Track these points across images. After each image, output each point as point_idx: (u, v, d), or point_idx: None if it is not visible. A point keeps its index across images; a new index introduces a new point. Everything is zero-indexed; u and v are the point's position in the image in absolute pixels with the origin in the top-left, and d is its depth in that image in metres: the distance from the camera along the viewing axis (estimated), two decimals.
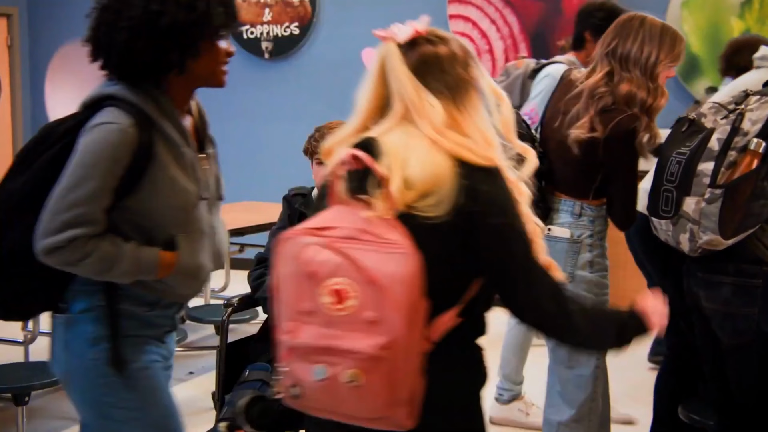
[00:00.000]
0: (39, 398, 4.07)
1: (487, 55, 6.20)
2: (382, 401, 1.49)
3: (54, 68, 7.71)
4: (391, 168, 1.55)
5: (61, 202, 1.75)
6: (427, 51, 1.71)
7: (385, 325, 1.46)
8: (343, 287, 1.49)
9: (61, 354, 1.92)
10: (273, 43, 6.86)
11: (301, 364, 1.52)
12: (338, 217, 1.56)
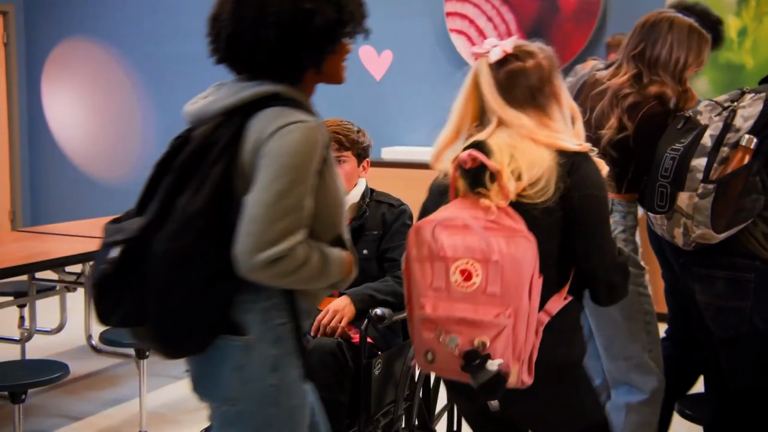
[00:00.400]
0: (35, 396, 4.07)
1: None
2: (505, 361, 1.74)
3: (51, 66, 7.69)
4: (501, 163, 1.82)
5: (275, 211, 1.62)
6: (516, 67, 1.92)
7: (507, 299, 1.74)
8: (469, 267, 1.77)
9: (230, 378, 1.73)
10: None
11: (435, 333, 1.79)
12: (461, 209, 1.83)
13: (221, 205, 1.64)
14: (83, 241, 4.01)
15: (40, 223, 7.36)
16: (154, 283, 1.63)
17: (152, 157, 6.29)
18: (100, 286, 1.68)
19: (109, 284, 1.66)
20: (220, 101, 1.74)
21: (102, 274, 1.66)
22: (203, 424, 2.95)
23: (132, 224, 1.71)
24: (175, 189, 1.66)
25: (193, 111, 1.80)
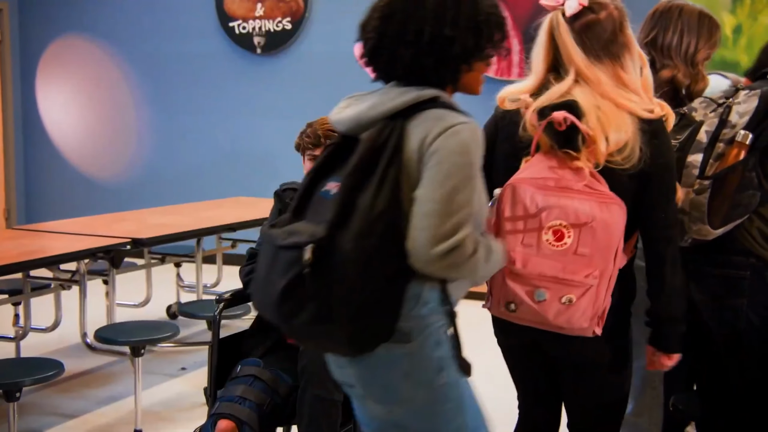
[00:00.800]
0: (30, 394, 4.06)
1: None
2: (586, 316, 1.91)
3: (46, 64, 7.68)
4: (594, 128, 1.90)
5: (448, 206, 1.68)
6: (590, 19, 2.00)
7: (596, 260, 1.88)
8: (561, 228, 1.89)
9: (400, 383, 1.77)
10: (265, 38, 6.84)
11: (524, 287, 1.91)
12: (550, 169, 1.93)
13: (398, 203, 1.70)
14: (78, 239, 4.00)
15: (35, 221, 7.35)
16: (343, 281, 1.66)
17: (148, 155, 6.31)
18: (291, 287, 1.67)
19: (300, 284, 1.67)
20: (382, 105, 1.77)
21: (296, 275, 1.66)
22: (198, 421, 2.94)
23: (307, 227, 1.72)
24: (355, 190, 1.69)
25: (348, 118, 1.81)
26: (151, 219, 4.70)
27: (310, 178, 1.82)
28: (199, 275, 5.10)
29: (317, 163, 1.84)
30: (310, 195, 1.80)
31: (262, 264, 1.79)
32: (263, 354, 2.67)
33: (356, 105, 1.83)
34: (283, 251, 1.70)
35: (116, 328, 3.84)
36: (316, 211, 1.76)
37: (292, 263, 1.67)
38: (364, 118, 1.77)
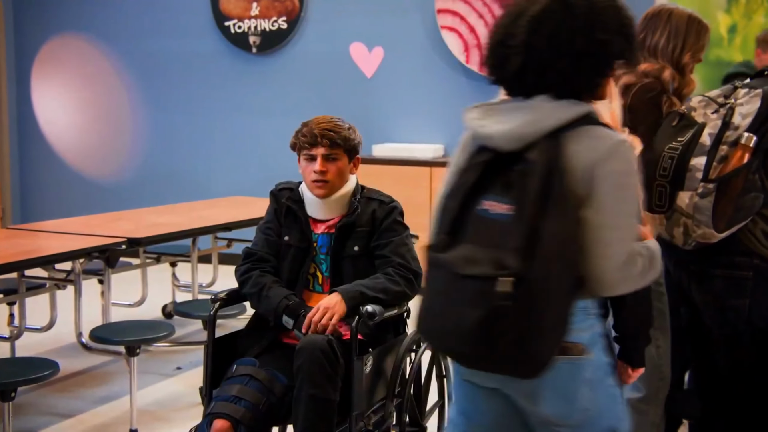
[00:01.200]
0: (25, 394, 4.05)
1: (476, 49, 6.19)
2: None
3: (41, 63, 7.66)
4: None
5: (629, 231, 1.72)
6: None
7: None
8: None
9: (582, 393, 1.78)
10: (260, 37, 6.83)
11: None
12: None
13: (576, 227, 1.69)
14: (73, 239, 4.00)
15: (30, 220, 7.33)
16: (538, 310, 1.64)
17: (143, 155, 6.31)
18: (489, 319, 1.62)
19: (497, 315, 1.63)
20: (540, 122, 1.71)
21: (493, 307, 1.62)
22: (193, 421, 2.94)
23: (484, 254, 1.67)
24: (537, 216, 1.64)
25: (501, 133, 1.73)
26: (146, 218, 4.69)
27: (463, 195, 1.75)
28: (194, 275, 5.10)
29: (469, 179, 1.75)
30: (464, 213, 1.75)
31: (435, 292, 1.74)
32: (259, 353, 2.67)
33: (499, 117, 1.77)
34: (467, 281, 1.65)
35: (111, 328, 3.84)
36: (479, 233, 1.71)
37: (484, 294, 1.62)
38: (523, 135, 1.71)
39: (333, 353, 2.47)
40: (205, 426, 2.45)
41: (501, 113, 1.78)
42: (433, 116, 6.45)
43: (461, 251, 1.70)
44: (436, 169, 6.01)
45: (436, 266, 1.74)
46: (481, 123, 1.79)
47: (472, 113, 1.83)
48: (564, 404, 1.79)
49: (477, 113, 1.82)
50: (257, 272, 2.74)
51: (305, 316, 2.59)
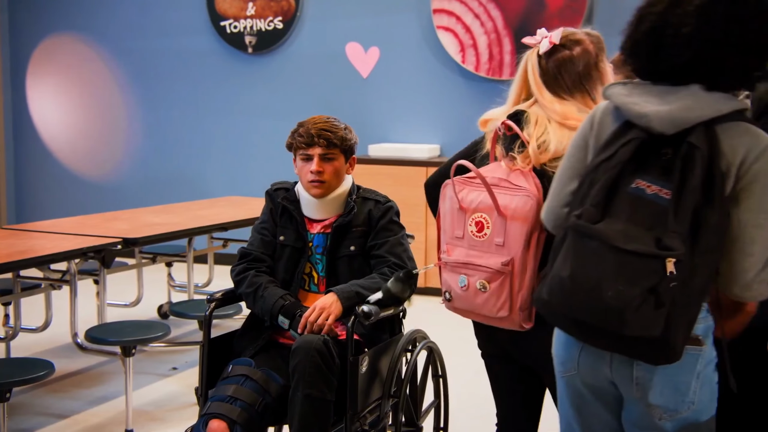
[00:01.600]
0: (20, 395, 4.05)
1: (471, 50, 6.20)
2: (504, 304, 2.03)
3: (36, 63, 7.65)
4: (532, 134, 2.08)
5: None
6: (563, 56, 2.16)
7: (507, 248, 2.01)
8: (481, 219, 2.06)
9: (692, 384, 1.77)
10: (256, 37, 6.83)
11: (451, 275, 2.12)
12: (488, 170, 2.10)
13: (729, 219, 1.69)
14: (69, 239, 3.99)
15: (25, 220, 7.33)
16: (689, 294, 1.64)
17: (138, 155, 6.31)
18: (648, 297, 1.62)
19: (655, 295, 1.62)
20: (699, 110, 1.68)
21: (654, 285, 1.61)
22: (189, 421, 2.94)
23: (639, 232, 1.65)
24: (700, 203, 1.64)
25: (657, 115, 1.70)
26: (141, 218, 4.68)
27: (617, 171, 1.71)
28: (190, 275, 5.09)
29: (623, 155, 1.72)
30: (615, 188, 1.72)
31: (587, 261, 1.67)
32: (255, 353, 2.67)
33: (651, 98, 1.74)
34: (629, 256, 1.63)
35: (107, 328, 3.83)
36: (633, 211, 1.68)
37: (647, 272, 1.61)
38: (679, 120, 1.68)
39: (329, 353, 2.47)
40: (201, 426, 2.45)
41: (653, 94, 1.74)
42: (429, 116, 6.45)
43: (615, 225, 1.67)
44: (432, 169, 5.99)
45: (587, 236, 1.68)
46: (632, 100, 1.75)
47: (617, 89, 1.80)
48: (675, 395, 1.77)
49: (622, 89, 1.79)
50: (253, 272, 2.74)
51: (301, 315, 2.59)
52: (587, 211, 1.70)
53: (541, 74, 2.15)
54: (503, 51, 6.11)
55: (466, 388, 4.05)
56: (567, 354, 1.87)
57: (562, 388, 1.93)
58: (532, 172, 2.06)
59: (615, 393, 1.84)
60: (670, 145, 1.69)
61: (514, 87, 2.24)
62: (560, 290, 1.70)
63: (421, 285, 4.23)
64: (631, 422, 1.84)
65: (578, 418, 1.92)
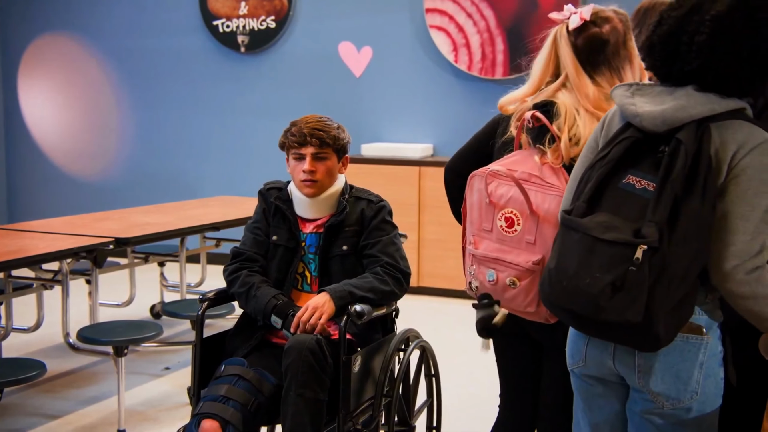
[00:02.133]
0: (12, 395, 4.03)
1: (464, 48, 6.20)
2: (532, 300, 2.04)
3: (28, 62, 7.63)
4: (563, 127, 2.05)
5: (756, 225, 1.69)
6: (593, 33, 2.13)
7: (539, 247, 2.01)
8: (512, 215, 2.05)
9: (695, 374, 1.79)
10: (249, 36, 6.82)
11: (480, 267, 2.12)
12: (518, 162, 2.09)
13: (714, 211, 1.70)
14: (60, 239, 3.98)
15: (17, 220, 7.31)
16: (666, 282, 1.67)
17: (131, 154, 6.29)
18: (619, 284, 1.67)
19: (627, 282, 1.67)
20: (692, 109, 1.72)
21: (624, 272, 1.66)
22: (182, 421, 2.93)
23: (622, 223, 1.70)
24: (680, 195, 1.67)
25: (651, 114, 1.76)
26: (134, 218, 4.67)
27: (609, 168, 1.77)
28: (182, 275, 5.08)
29: (614, 154, 1.78)
30: (606, 184, 1.77)
31: (567, 253, 1.75)
32: (247, 353, 2.66)
33: (649, 99, 1.79)
34: (604, 245, 1.69)
35: (99, 328, 3.82)
36: (619, 205, 1.74)
37: (619, 260, 1.67)
38: (672, 119, 1.73)
39: (321, 353, 2.47)
40: (194, 426, 2.44)
41: (651, 95, 1.79)
42: (422, 116, 6.45)
43: (598, 218, 1.74)
44: (425, 168, 6.01)
45: (571, 229, 1.76)
46: (630, 101, 1.80)
47: (621, 90, 1.84)
48: (676, 383, 1.80)
49: (626, 91, 1.83)
50: (245, 272, 2.73)
51: (294, 315, 2.58)
52: (577, 207, 1.78)
53: (574, 51, 2.12)
54: (496, 50, 6.12)
55: (460, 388, 4.05)
56: (575, 347, 1.93)
57: (574, 381, 1.99)
58: (563, 168, 2.06)
59: (621, 384, 1.88)
60: (666, 143, 1.73)
61: (540, 65, 2.20)
62: (548, 280, 1.79)
63: (413, 284, 4.23)
64: (634, 411, 1.87)
65: (586, 411, 1.97)
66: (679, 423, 1.81)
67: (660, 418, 1.82)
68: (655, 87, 1.81)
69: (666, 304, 1.67)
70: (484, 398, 3.73)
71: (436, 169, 5.93)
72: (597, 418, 1.96)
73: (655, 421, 1.83)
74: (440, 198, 6.42)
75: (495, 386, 2.45)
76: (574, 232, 1.75)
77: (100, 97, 7.41)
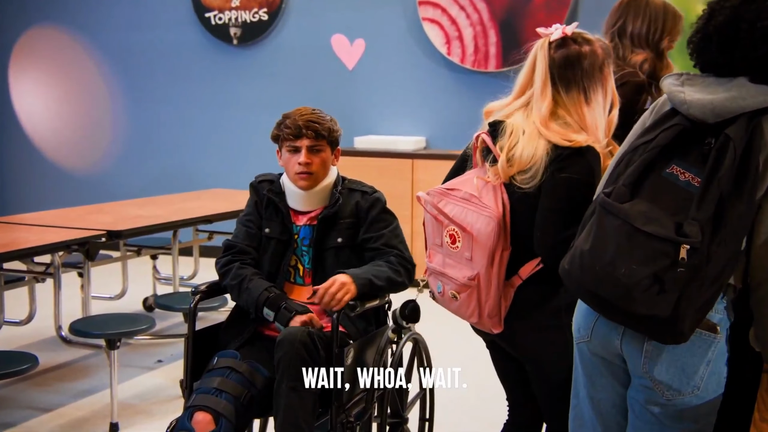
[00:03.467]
0: (4, 388, 4.03)
1: (457, 41, 6.19)
2: (473, 312, 2.17)
3: (18, 54, 7.59)
4: (505, 146, 2.13)
5: None
6: (572, 50, 2.16)
7: (475, 263, 2.12)
8: (454, 233, 2.17)
9: (701, 370, 1.79)
10: (241, 29, 6.80)
11: (431, 279, 2.29)
12: (463, 182, 2.21)
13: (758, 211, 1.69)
14: (52, 231, 3.97)
15: (8, 213, 7.27)
16: (701, 282, 1.65)
17: (123, 147, 6.25)
18: (656, 279, 1.65)
19: (664, 277, 1.65)
20: (743, 100, 1.69)
21: (664, 268, 1.65)
22: (174, 414, 2.92)
23: (662, 215, 1.68)
24: (728, 194, 1.65)
25: (701, 103, 1.72)
26: (126, 211, 4.66)
27: (654, 154, 1.74)
28: (175, 267, 5.08)
29: (662, 140, 1.74)
30: (650, 171, 1.75)
31: (607, 237, 1.72)
32: (240, 346, 2.66)
33: (699, 88, 1.76)
34: (644, 237, 1.67)
35: (91, 321, 3.81)
36: (662, 195, 1.72)
37: (659, 255, 1.65)
38: (722, 109, 1.70)
39: (313, 345, 2.47)
40: (186, 418, 2.44)
41: (702, 85, 1.77)
42: (415, 108, 6.45)
43: (639, 206, 1.71)
44: (417, 161, 6.01)
45: (611, 213, 1.73)
46: (680, 89, 1.78)
47: (671, 80, 1.82)
48: (680, 376, 1.80)
49: (675, 80, 1.81)
50: (237, 264, 2.73)
51: (286, 308, 2.58)
52: (618, 190, 1.75)
53: (549, 62, 2.15)
54: (488, 43, 6.11)
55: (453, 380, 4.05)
56: (584, 321, 1.93)
57: (576, 355, 2.00)
58: (502, 187, 2.13)
59: (623, 367, 1.89)
60: (714, 135, 1.70)
61: (521, 77, 2.24)
62: (579, 263, 1.77)
63: None
64: (634, 399, 1.87)
65: (588, 385, 1.97)
66: (676, 414, 1.82)
67: (658, 407, 1.82)
68: (707, 77, 1.79)
69: (696, 302, 1.67)
70: (477, 391, 3.74)
71: (429, 162, 5.93)
72: (599, 395, 1.96)
73: (653, 411, 1.84)
74: None
75: (487, 379, 2.46)
76: (613, 217, 1.72)
77: (92, 89, 7.38)
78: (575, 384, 2.04)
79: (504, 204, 2.11)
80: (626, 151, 1.82)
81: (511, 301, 2.17)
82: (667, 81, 1.83)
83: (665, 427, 1.84)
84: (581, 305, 1.95)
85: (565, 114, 2.13)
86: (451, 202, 2.19)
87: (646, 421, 1.86)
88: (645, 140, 1.78)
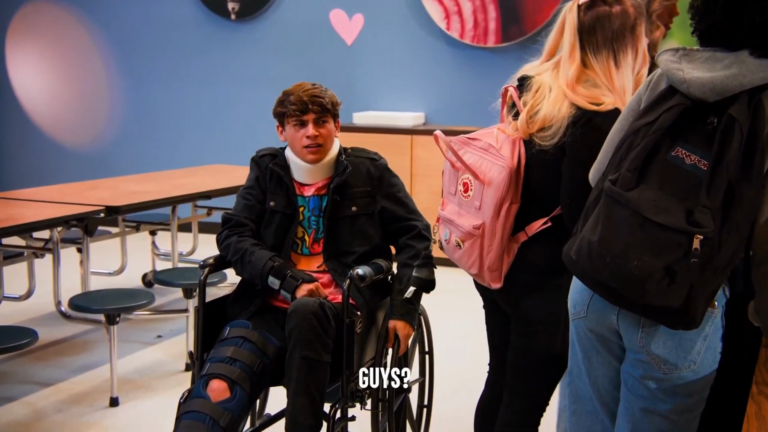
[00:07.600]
0: (4, 363, 4.03)
1: (456, 16, 6.15)
2: (474, 263, 2.18)
3: (15, 30, 7.54)
4: (531, 102, 2.13)
5: None
6: (601, 11, 2.11)
7: (483, 213, 2.13)
8: (468, 181, 2.18)
9: (698, 344, 1.78)
10: (239, 3, 6.75)
11: (441, 226, 2.31)
12: (486, 133, 2.21)
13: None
14: (51, 207, 3.96)
15: (7, 188, 7.25)
16: (713, 270, 1.64)
17: (121, 122, 6.23)
18: (670, 271, 1.63)
19: (678, 268, 1.62)
20: (743, 77, 1.65)
21: (677, 259, 1.61)
22: (174, 389, 2.93)
23: (671, 204, 1.64)
24: (738, 178, 1.61)
25: (701, 82, 1.68)
26: (125, 187, 4.65)
27: (657, 137, 1.69)
28: (174, 243, 5.07)
29: (665, 122, 1.69)
30: (654, 154, 1.70)
31: (616, 228, 1.68)
32: (250, 317, 2.68)
33: (697, 65, 1.72)
34: (655, 227, 1.63)
35: (91, 296, 3.81)
36: (666, 178, 1.68)
37: (672, 246, 1.61)
38: (723, 87, 1.66)
39: (325, 315, 2.49)
40: (201, 387, 2.45)
41: (700, 60, 1.72)
42: (414, 84, 6.42)
43: (648, 194, 1.67)
44: (417, 136, 5.99)
45: (619, 203, 1.69)
46: (677, 66, 1.73)
47: (667, 55, 1.77)
48: (677, 350, 1.79)
49: (672, 56, 1.76)
50: (235, 239, 2.74)
51: (291, 276, 2.60)
52: (623, 177, 1.70)
53: (578, 25, 2.11)
54: (488, 18, 6.07)
55: (454, 367, 4.06)
56: (579, 297, 1.92)
57: (572, 331, 1.99)
58: (521, 141, 2.13)
59: (618, 343, 1.87)
60: (716, 114, 1.66)
61: (551, 39, 2.21)
62: (588, 253, 1.72)
63: None
64: (629, 373, 1.86)
65: (585, 361, 1.97)
66: (671, 389, 1.81)
67: (654, 382, 1.82)
68: (705, 51, 1.74)
69: (707, 290, 1.65)
70: (477, 377, 3.74)
71: (428, 138, 5.90)
72: (596, 371, 1.95)
73: (649, 385, 1.83)
74: (432, 167, 6.41)
75: (487, 364, 2.47)
76: (621, 207, 1.68)
77: (89, 65, 7.33)
78: (571, 360, 2.03)
79: (520, 157, 2.11)
80: (627, 133, 1.77)
81: (513, 258, 2.16)
82: (664, 57, 1.78)
83: (659, 402, 1.83)
84: (576, 281, 1.92)
85: (594, 76, 2.10)
86: (469, 150, 2.19)
87: (639, 395, 1.85)
88: (646, 122, 1.73)
